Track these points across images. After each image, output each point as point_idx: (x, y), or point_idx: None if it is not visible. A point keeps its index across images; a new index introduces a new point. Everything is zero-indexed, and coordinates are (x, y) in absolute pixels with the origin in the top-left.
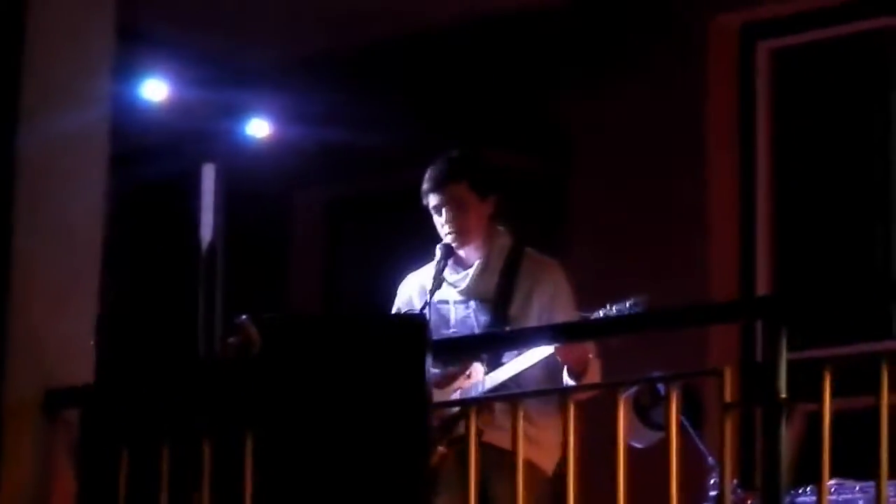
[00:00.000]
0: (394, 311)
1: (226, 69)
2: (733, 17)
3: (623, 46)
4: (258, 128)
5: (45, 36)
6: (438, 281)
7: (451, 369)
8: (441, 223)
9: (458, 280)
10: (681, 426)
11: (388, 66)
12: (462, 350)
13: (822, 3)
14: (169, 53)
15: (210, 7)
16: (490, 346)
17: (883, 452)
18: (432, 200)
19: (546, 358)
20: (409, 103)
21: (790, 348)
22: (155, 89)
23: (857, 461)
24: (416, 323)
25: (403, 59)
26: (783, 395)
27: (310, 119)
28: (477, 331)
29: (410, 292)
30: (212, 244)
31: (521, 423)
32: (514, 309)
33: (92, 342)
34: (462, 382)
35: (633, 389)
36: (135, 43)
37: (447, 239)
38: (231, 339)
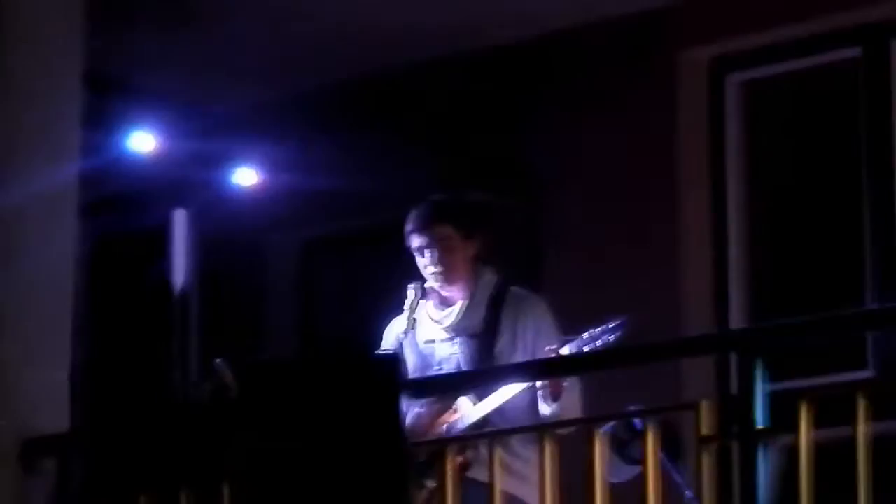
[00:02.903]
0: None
1: (200, 117)
2: (702, 50)
3: (592, 82)
4: (246, 176)
5: (16, 87)
6: (411, 321)
7: (437, 405)
8: (425, 264)
9: (444, 318)
10: (658, 460)
11: (359, 107)
12: (445, 387)
13: (790, 35)
14: (150, 104)
15: (177, 53)
16: (473, 382)
17: (861, 482)
18: (416, 241)
19: (529, 389)
20: (380, 145)
21: (770, 380)
22: (143, 140)
23: (836, 491)
24: (388, 362)
25: (375, 101)
26: (759, 427)
27: (283, 162)
28: (463, 367)
29: (397, 333)
30: (184, 289)
31: (499, 458)
32: (500, 344)
33: (67, 391)
34: (448, 417)
35: (611, 424)
36: (120, 94)
37: (431, 280)
38: (207, 384)
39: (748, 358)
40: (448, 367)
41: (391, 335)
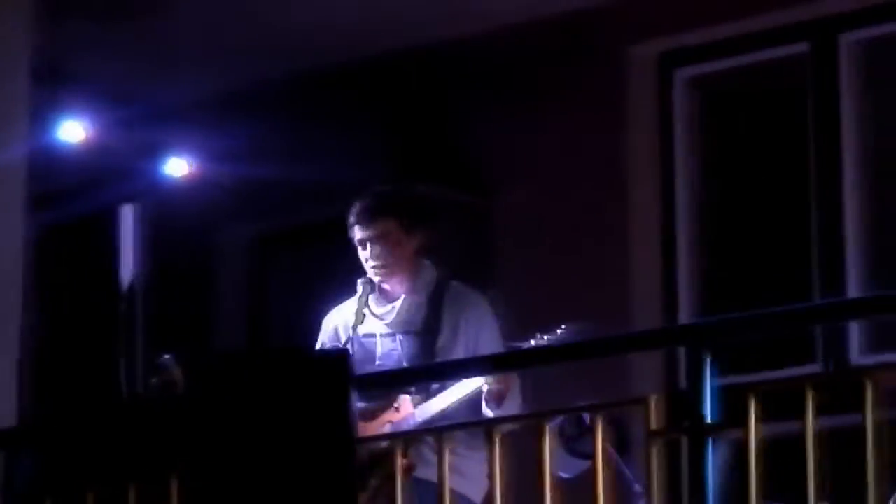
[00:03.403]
0: (318, 346)
1: (144, 107)
2: (651, 45)
3: (542, 78)
4: (178, 166)
5: None
6: (361, 315)
7: (379, 403)
8: (366, 257)
9: (385, 313)
10: (607, 455)
11: (310, 99)
12: (390, 383)
13: (739, 30)
14: (86, 93)
15: (126, 45)
16: (419, 378)
17: (810, 476)
18: (358, 234)
19: (474, 392)
20: (332, 137)
21: (719, 375)
22: (73, 130)
23: (785, 485)
24: (338, 358)
25: (326, 92)
26: (708, 421)
27: (231, 155)
28: (404, 363)
29: (336, 326)
30: (132, 284)
31: (447, 456)
32: (441, 340)
33: (14, 385)
34: (392, 416)
35: (559, 419)
36: (51, 83)
37: (371, 273)
38: (154, 379)
39: (697, 352)
40: (388, 364)
41: (329, 327)
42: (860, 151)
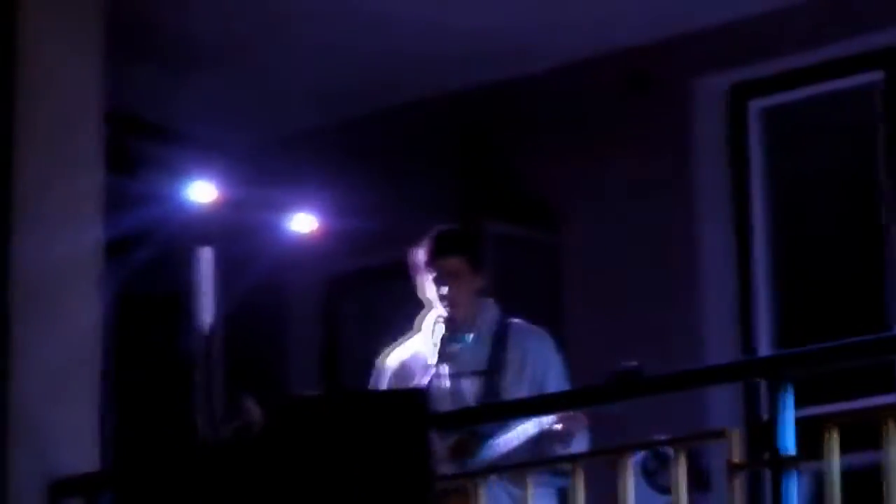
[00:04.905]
0: (377, 383)
1: (219, 155)
2: (721, 77)
3: (609, 112)
4: (301, 222)
5: (38, 138)
6: (438, 353)
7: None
8: (435, 293)
9: (451, 353)
10: (688, 489)
11: (376, 140)
12: (464, 421)
13: (811, 60)
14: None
15: (182, 93)
16: (497, 416)
17: None
18: (428, 270)
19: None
20: (398, 177)
21: (796, 406)
22: (199, 189)
23: None
24: (417, 397)
25: (390, 133)
26: (790, 454)
27: (301, 199)
28: (469, 403)
29: (401, 362)
30: (210, 327)
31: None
32: (506, 380)
33: (95, 432)
34: (451, 457)
35: (640, 454)
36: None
37: (439, 310)
38: (233, 421)
39: (778, 384)
40: (451, 404)
41: (392, 364)
42: None
